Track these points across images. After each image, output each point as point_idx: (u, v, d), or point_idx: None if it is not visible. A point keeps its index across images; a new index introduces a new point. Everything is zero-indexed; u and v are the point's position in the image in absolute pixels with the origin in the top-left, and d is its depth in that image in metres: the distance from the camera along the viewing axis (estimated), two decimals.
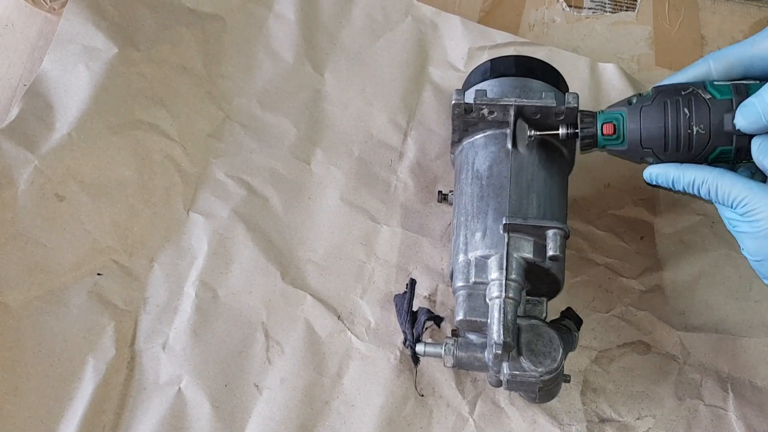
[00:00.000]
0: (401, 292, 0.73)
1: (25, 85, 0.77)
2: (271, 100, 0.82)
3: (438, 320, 0.72)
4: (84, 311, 0.69)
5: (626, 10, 0.91)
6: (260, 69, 0.83)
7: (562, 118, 0.65)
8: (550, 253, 0.60)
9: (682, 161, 0.61)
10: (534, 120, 0.65)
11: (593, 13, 0.91)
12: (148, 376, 0.68)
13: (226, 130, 0.79)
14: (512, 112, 0.65)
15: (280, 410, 0.68)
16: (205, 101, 0.80)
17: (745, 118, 0.58)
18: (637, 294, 0.75)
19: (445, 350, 0.64)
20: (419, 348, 0.66)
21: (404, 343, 0.71)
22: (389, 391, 0.69)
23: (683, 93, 0.61)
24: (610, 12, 0.91)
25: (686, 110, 0.60)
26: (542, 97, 0.65)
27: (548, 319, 0.65)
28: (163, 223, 0.74)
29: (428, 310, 0.71)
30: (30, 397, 0.66)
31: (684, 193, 0.62)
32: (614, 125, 0.62)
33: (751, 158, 0.60)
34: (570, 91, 0.70)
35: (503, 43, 0.86)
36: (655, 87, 0.63)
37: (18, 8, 0.81)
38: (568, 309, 0.67)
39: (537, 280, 0.63)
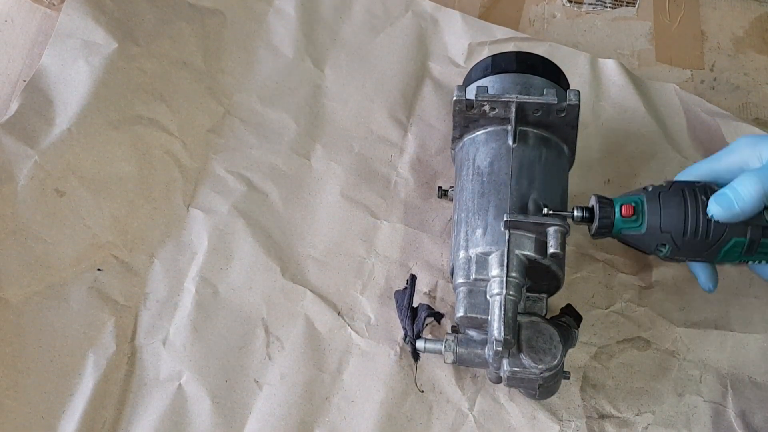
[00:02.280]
0: (401, 288, 0.73)
1: (24, 81, 0.77)
2: (271, 95, 0.82)
3: (438, 316, 0.72)
4: (84, 307, 0.69)
5: (626, 6, 0.91)
6: (260, 64, 0.83)
7: (563, 115, 0.65)
8: (550, 250, 0.60)
9: (696, 251, 0.62)
10: (535, 116, 0.65)
11: (593, 8, 0.91)
12: (148, 371, 0.68)
13: (226, 126, 0.79)
14: (513, 109, 0.65)
15: (280, 406, 0.68)
16: (205, 96, 0.80)
17: (719, 205, 0.59)
18: (637, 290, 0.75)
19: (445, 346, 0.64)
20: (419, 344, 0.67)
21: (404, 339, 0.71)
22: (389, 387, 0.69)
23: (697, 185, 0.62)
24: (610, 8, 0.91)
25: (704, 198, 0.60)
26: (543, 93, 0.65)
27: (548, 316, 0.65)
28: (163, 218, 0.74)
29: (428, 307, 0.71)
30: (30, 393, 0.66)
31: None
32: (634, 207, 0.61)
33: (756, 255, 0.62)
34: (571, 87, 0.70)
35: (503, 39, 0.86)
36: (666, 181, 0.63)
37: (17, 3, 0.81)
38: (568, 306, 0.67)
39: (537, 277, 0.63)
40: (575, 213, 0.63)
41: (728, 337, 0.73)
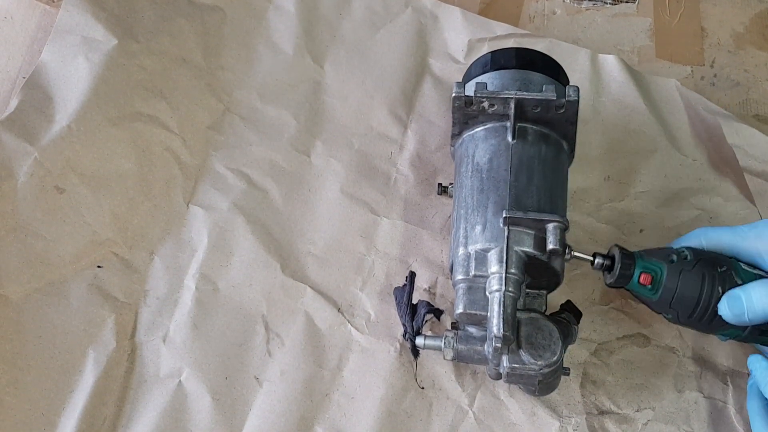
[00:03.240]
0: (401, 284, 0.73)
1: (24, 77, 0.77)
2: (271, 92, 0.81)
3: (438, 313, 0.72)
4: (84, 304, 0.69)
5: (627, 2, 0.91)
6: (260, 61, 0.83)
7: (562, 111, 0.65)
8: (550, 246, 0.60)
9: (694, 327, 0.65)
10: (534, 113, 0.65)
11: (594, 4, 0.91)
12: (148, 368, 0.68)
13: (225, 123, 0.79)
14: (513, 105, 0.65)
15: (281, 402, 0.68)
16: (204, 93, 0.80)
17: (730, 309, 0.61)
18: None
19: (444, 343, 0.64)
20: (419, 341, 0.67)
21: (404, 335, 0.71)
22: (389, 384, 0.69)
23: (720, 270, 0.62)
24: (610, 4, 0.91)
25: (720, 289, 0.62)
26: (543, 90, 0.65)
27: (548, 312, 0.65)
28: (163, 215, 0.74)
29: (428, 303, 0.71)
30: (30, 390, 0.66)
31: None
32: (652, 278, 0.63)
33: (751, 342, 0.65)
34: (570, 83, 0.70)
35: (503, 35, 0.86)
36: (694, 251, 0.64)
37: (17, 0, 0.81)
38: (568, 302, 0.67)
39: (537, 274, 0.63)
40: (596, 260, 0.65)
41: None
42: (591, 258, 0.65)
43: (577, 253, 0.64)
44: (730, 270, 0.63)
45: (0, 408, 0.65)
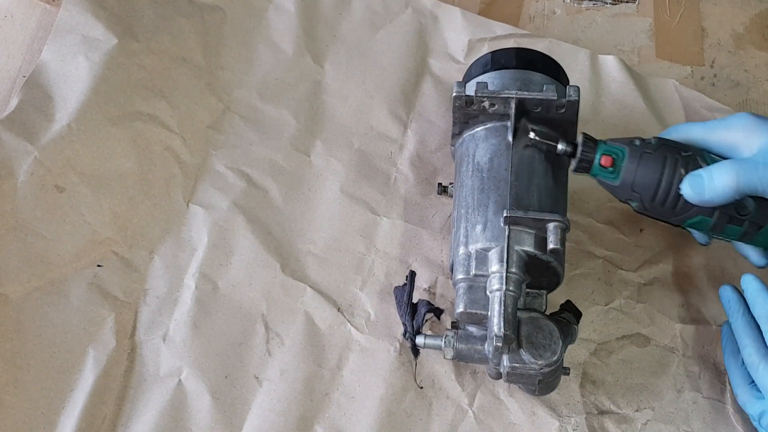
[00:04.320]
0: (401, 284, 0.73)
1: (24, 76, 0.77)
2: (271, 91, 0.81)
3: (438, 312, 0.72)
4: (84, 303, 0.69)
5: (627, 2, 0.91)
6: (260, 60, 0.83)
7: (563, 111, 0.65)
8: (550, 246, 0.60)
9: (662, 215, 0.64)
10: (535, 113, 0.65)
11: (594, 5, 0.91)
12: (148, 367, 0.68)
13: (225, 122, 0.79)
14: (513, 105, 0.65)
15: (280, 402, 0.68)
16: (204, 93, 0.80)
17: (691, 187, 0.61)
18: (637, 287, 0.75)
19: (444, 342, 0.64)
20: (419, 340, 0.67)
21: (404, 335, 0.71)
22: (389, 383, 0.69)
23: (683, 154, 0.62)
24: (610, 4, 0.91)
25: (683, 170, 0.62)
26: (543, 89, 0.65)
27: (548, 312, 0.65)
28: (163, 214, 0.74)
29: (428, 302, 0.71)
30: (30, 389, 0.66)
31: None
32: (613, 159, 0.63)
33: (722, 234, 0.64)
34: (570, 83, 0.70)
35: (503, 35, 0.86)
36: (659, 138, 0.64)
37: None
38: (568, 302, 0.67)
39: (537, 273, 0.63)
40: (559, 146, 0.64)
41: None
42: (554, 144, 0.64)
43: (540, 138, 0.64)
44: (695, 156, 0.63)
45: (0, 407, 0.65)
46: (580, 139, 0.64)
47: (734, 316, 0.65)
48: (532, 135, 0.64)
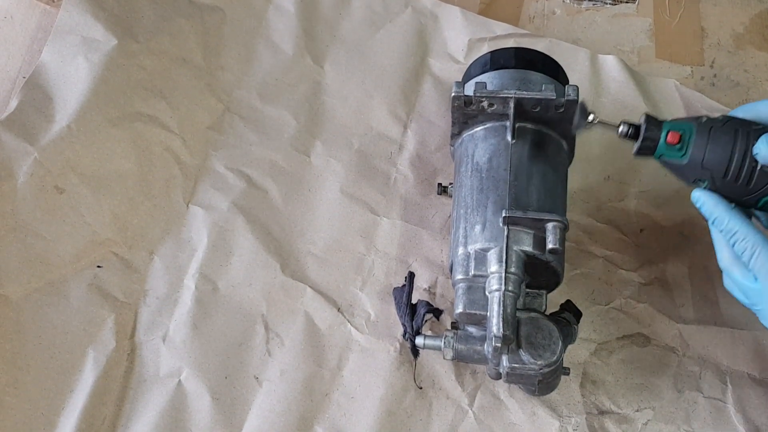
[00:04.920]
0: (401, 284, 0.73)
1: (24, 77, 0.77)
2: (271, 92, 0.82)
3: (437, 313, 0.72)
4: (84, 303, 0.69)
5: (627, 2, 0.91)
6: (260, 61, 0.83)
7: (562, 111, 0.65)
8: (549, 246, 0.60)
9: (735, 194, 0.59)
10: (534, 113, 0.65)
11: (593, 5, 0.91)
12: (148, 368, 0.68)
13: (225, 123, 0.79)
14: (512, 105, 0.65)
15: (280, 402, 0.68)
16: (204, 93, 0.80)
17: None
18: (637, 286, 0.75)
19: (444, 343, 0.64)
20: (419, 340, 0.67)
21: (404, 335, 0.71)
22: (389, 384, 0.69)
23: (755, 128, 0.59)
24: (610, 4, 0.91)
25: (755, 142, 0.58)
26: (542, 89, 0.65)
27: (548, 312, 0.65)
28: (163, 215, 0.74)
29: (428, 303, 0.71)
30: (30, 390, 0.66)
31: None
32: (681, 135, 0.59)
33: None
34: (570, 83, 0.69)
35: (503, 35, 0.86)
36: (727, 116, 0.60)
37: (17, 0, 0.81)
38: (568, 302, 0.67)
39: (536, 273, 0.63)
40: (621, 128, 0.61)
41: (727, 333, 0.73)
42: (616, 127, 0.61)
43: (602, 120, 0.61)
44: (763, 129, 0.58)
45: (0, 408, 0.65)
46: (642, 118, 0.61)
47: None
48: (591, 118, 0.61)
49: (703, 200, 0.60)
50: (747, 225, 0.58)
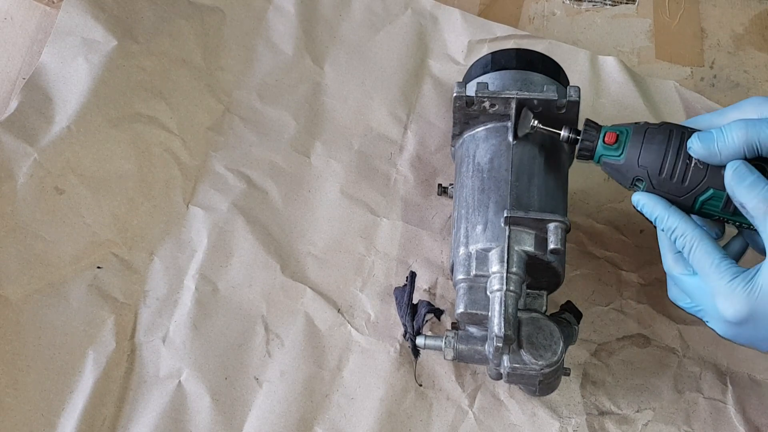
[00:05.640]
0: (401, 285, 0.73)
1: (24, 78, 0.77)
2: (271, 92, 0.81)
3: (438, 313, 0.72)
4: (84, 304, 0.69)
5: (626, 3, 0.91)
6: (260, 62, 0.83)
7: (563, 112, 0.65)
8: (551, 246, 0.60)
9: (672, 194, 0.61)
10: (535, 113, 0.65)
11: (593, 6, 0.91)
12: (148, 369, 0.68)
13: (225, 123, 0.79)
14: (514, 105, 0.65)
15: (280, 403, 0.68)
16: (204, 94, 0.80)
17: (701, 141, 0.58)
18: (637, 287, 0.75)
19: (445, 343, 0.64)
20: (419, 341, 0.66)
21: (404, 336, 0.71)
22: (389, 384, 0.69)
23: (688, 129, 0.61)
24: (610, 5, 0.91)
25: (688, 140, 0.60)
26: (544, 90, 0.65)
27: (548, 313, 0.65)
28: (163, 216, 0.74)
29: (428, 303, 0.71)
30: (30, 391, 0.66)
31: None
32: (617, 135, 0.62)
33: (736, 215, 0.60)
34: (570, 84, 0.70)
35: (503, 36, 0.86)
36: (663, 122, 0.63)
37: (17, 1, 0.81)
38: (568, 302, 0.67)
39: (537, 274, 0.63)
40: (563, 133, 0.63)
41: None
42: (558, 132, 0.63)
43: (542, 126, 0.63)
44: (698, 131, 0.61)
45: (0, 408, 0.65)
46: (584, 124, 0.63)
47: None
48: (535, 123, 0.64)
49: (644, 202, 0.62)
50: (686, 220, 0.60)
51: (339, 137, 0.80)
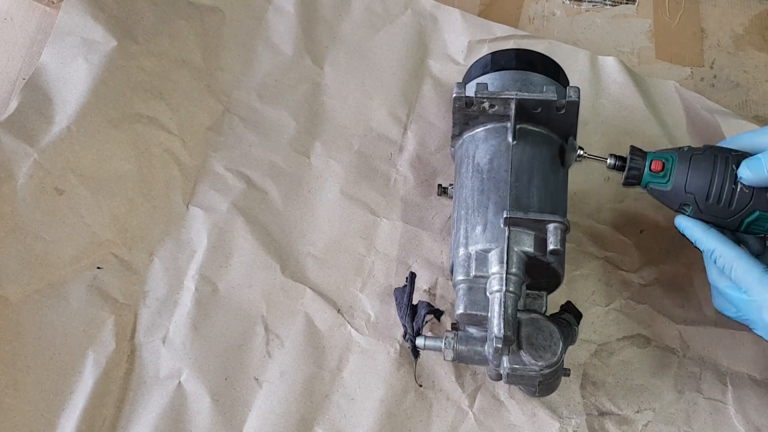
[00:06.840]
0: (401, 285, 0.73)
1: (23, 79, 0.77)
2: (271, 93, 0.81)
3: (438, 314, 0.72)
4: (84, 305, 0.69)
5: (626, 3, 0.91)
6: (259, 62, 0.83)
7: (563, 112, 0.65)
8: (550, 247, 0.60)
9: (719, 217, 0.63)
10: (535, 114, 0.65)
11: (593, 6, 0.91)
12: (148, 369, 0.68)
13: (225, 124, 0.79)
14: (513, 106, 0.65)
15: (280, 403, 0.68)
16: (204, 94, 0.80)
17: (750, 168, 0.61)
18: (637, 287, 0.75)
19: (445, 344, 0.64)
20: (419, 341, 0.66)
21: (404, 336, 0.71)
22: (389, 385, 0.69)
23: (733, 153, 0.63)
24: (610, 5, 0.91)
25: (734, 167, 0.62)
26: (543, 90, 0.65)
27: (548, 313, 0.65)
28: (163, 216, 0.74)
29: (428, 304, 0.71)
30: (30, 391, 0.66)
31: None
32: (663, 163, 0.64)
33: None
34: (570, 84, 0.70)
35: (503, 36, 0.86)
36: (706, 145, 0.65)
37: (17, 1, 0.81)
38: (568, 303, 0.67)
39: (537, 274, 0.63)
40: (609, 161, 0.66)
41: (727, 334, 0.73)
42: (604, 159, 0.66)
43: (591, 154, 0.67)
44: (742, 154, 0.63)
45: (0, 409, 0.65)
46: (629, 151, 0.65)
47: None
48: (581, 152, 0.66)
49: (684, 225, 0.65)
50: (723, 242, 0.63)
51: (339, 137, 0.80)
